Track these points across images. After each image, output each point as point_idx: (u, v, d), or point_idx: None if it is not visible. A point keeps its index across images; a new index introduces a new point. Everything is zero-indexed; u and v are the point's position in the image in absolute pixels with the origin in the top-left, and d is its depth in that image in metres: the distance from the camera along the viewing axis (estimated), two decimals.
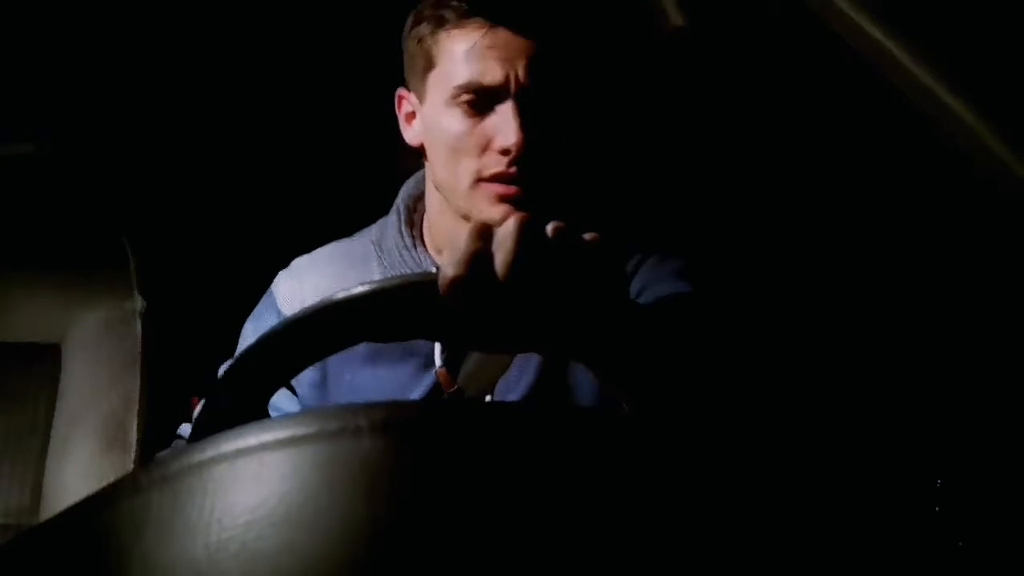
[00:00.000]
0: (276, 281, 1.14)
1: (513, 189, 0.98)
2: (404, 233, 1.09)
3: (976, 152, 0.85)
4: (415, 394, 1.02)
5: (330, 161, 1.68)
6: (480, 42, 0.97)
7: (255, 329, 1.11)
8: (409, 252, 1.07)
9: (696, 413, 0.74)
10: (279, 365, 0.73)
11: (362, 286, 0.68)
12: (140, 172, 1.63)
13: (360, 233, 1.15)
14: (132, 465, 1.32)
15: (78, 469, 1.33)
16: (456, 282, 0.65)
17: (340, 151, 1.67)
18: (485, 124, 0.98)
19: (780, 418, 0.89)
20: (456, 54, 0.98)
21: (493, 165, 0.98)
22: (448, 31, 0.99)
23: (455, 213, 1.03)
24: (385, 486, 0.41)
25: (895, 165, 1.18)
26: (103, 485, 0.46)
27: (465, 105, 0.98)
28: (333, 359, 1.02)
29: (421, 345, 1.01)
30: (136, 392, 1.37)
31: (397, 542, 0.40)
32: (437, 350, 1.00)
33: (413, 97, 1.06)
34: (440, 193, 1.04)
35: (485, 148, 0.98)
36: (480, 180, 0.99)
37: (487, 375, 0.85)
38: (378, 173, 1.38)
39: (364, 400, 0.78)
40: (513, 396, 1.00)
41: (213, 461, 0.43)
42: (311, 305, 0.70)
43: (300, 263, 1.14)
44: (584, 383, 1.00)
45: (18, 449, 1.36)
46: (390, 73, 1.08)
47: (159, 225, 1.57)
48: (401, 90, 1.07)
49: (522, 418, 0.45)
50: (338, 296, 0.69)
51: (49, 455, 1.36)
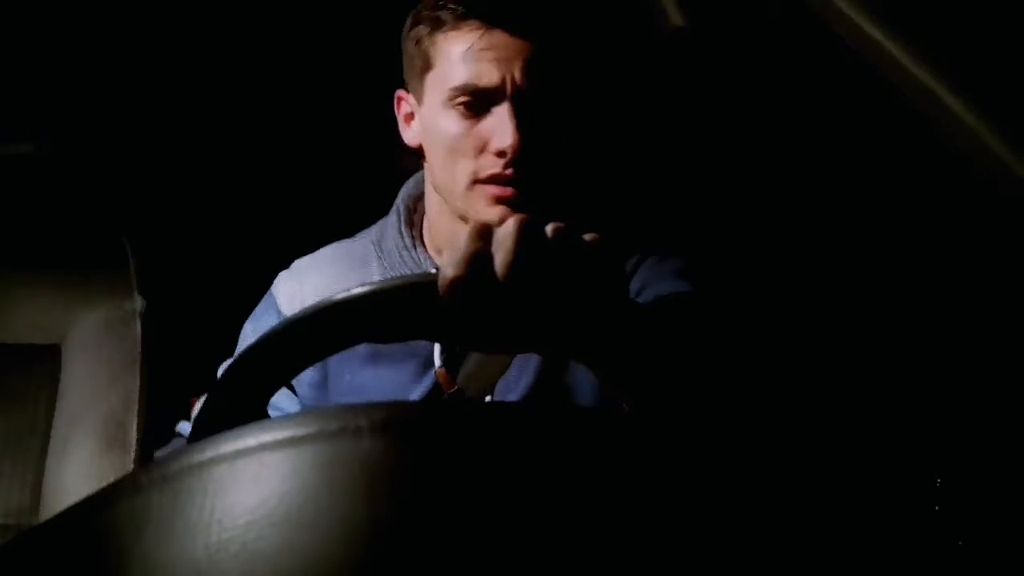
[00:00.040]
0: (276, 282, 1.14)
1: (509, 191, 0.98)
2: (404, 233, 1.09)
3: (976, 152, 0.85)
4: (415, 394, 1.02)
5: (330, 162, 1.68)
6: (476, 44, 0.97)
7: (255, 329, 1.11)
8: (409, 252, 1.07)
9: (696, 413, 0.74)
10: (279, 365, 0.73)
11: (362, 287, 0.68)
12: (140, 172, 1.63)
13: (361, 234, 1.15)
14: (132, 465, 1.32)
15: (78, 469, 1.33)
16: (456, 282, 0.65)
17: (340, 152, 1.67)
18: (481, 126, 0.98)
19: (780, 417, 0.89)
20: (453, 56, 0.98)
21: (489, 167, 0.98)
22: (445, 33, 0.99)
23: (454, 214, 1.03)
24: (385, 486, 0.41)
25: (895, 165, 1.18)
26: (103, 485, 0.46)
27: (462, 107, 0.98)
28: (333, 359, 1.02)
29: (421, 346, 1.01)
30: (136, 392, 1.37)
31: (397, 542, 0.40)
32: (437, 350, 1.00)
33: (412, 98, 1.06)
34: (439, 194, 1.04)
35: (482, 150, 0.98)
36: (477, 181, 0.99)
37: (487, 375, 0.85)
38: (378, 173, 1.38)
39: (364, 400, 0.77)
40: (513, 396, 1.00)
41: (213, 461, 0.43)
42: (311, 305, 0.70)
43: (301, 264, 1.15)
44: (584, 383, 1.00)
45: (18, 449, 1.36)
46: (390, 74, 1.08)
47: (159, 225, 1.57)
48: (400, 91, 1.08)
49: (522, 418, 0.45)
50: (338, 296, 0.69)
51: (49, 455, 1.35)
